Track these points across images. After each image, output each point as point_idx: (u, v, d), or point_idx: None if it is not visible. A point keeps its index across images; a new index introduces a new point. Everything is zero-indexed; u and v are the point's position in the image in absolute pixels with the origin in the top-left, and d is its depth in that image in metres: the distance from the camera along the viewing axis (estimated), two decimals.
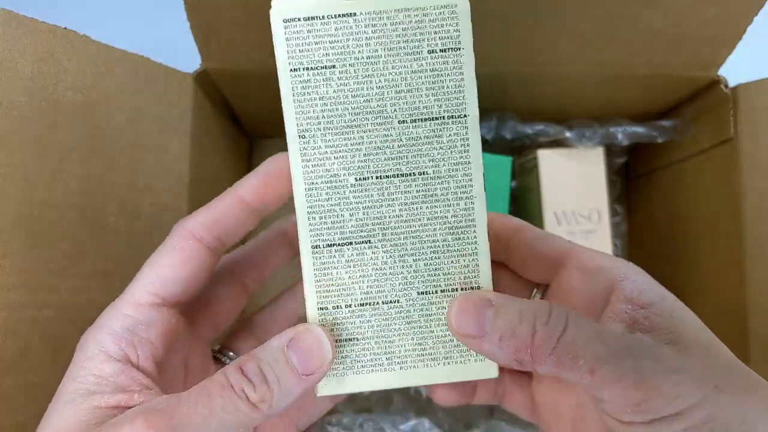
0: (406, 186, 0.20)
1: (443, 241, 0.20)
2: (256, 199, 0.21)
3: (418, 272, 0.20)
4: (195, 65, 0.34)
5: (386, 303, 0.20)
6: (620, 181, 0.47)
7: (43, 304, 0.26)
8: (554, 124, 0.40)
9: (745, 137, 0.34)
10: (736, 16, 0.31)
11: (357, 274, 0.20)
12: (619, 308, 0.19)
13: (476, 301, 0.19)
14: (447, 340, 0.21)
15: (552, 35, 0.32)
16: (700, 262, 0.39)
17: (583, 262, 0.21)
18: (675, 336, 0.18)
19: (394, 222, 0.20)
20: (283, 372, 0.18)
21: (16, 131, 0.25)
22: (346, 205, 0.20)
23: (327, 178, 0.20)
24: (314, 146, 0.20)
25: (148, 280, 0.20)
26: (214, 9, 0.30)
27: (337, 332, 0.20)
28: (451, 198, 0.20)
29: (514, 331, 0.18)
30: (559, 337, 0.18)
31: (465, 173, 0.20)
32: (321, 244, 0.20)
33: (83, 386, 0.18)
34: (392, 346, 0.21)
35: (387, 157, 0.20)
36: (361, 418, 0.38)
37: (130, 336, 0.19)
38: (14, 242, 0.24)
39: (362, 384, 0.21)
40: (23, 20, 0.25)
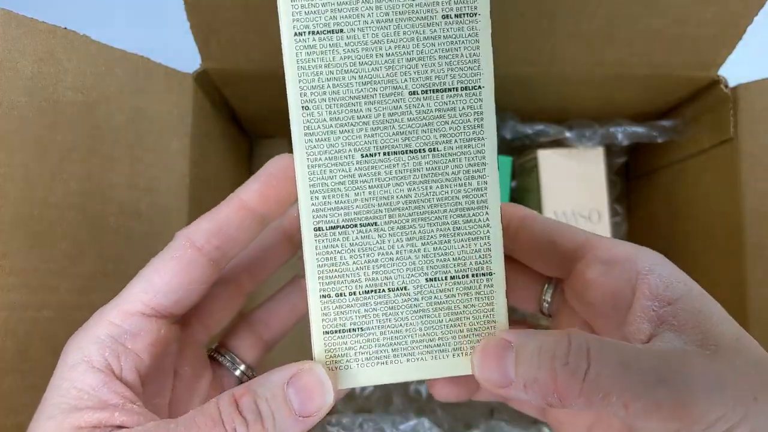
0: (416, 163, 0.19)
1: (453, 223, 0.19)
2: (259, 204, 0.20)
3: (427, 257, 0.19)
4: (195, 65, 0.34)
5: (393, 290, 0.19)
6: (620, 181, 0.47)
7: (43, 304, 0.26)
8: (554, 124, 0.40)
9: (745, 137, 0.34)
10: (736, 16, 0.31)
11: (362, 258, 0.19)
12: (645, 306, 0.18)
13: (495, 346, 0.18)
14: (456, 330, 0.20)
15: (552, 35, 0.32)
16: (700, 261, 0.39)
17: (603, 253, 0.20)
18: (704, 335, 0.17)
19: (402, 202, 0.19)
20: (280, 410, 0.17)
21: (16, 131, 0.25)
22: (352, 183, 0.19)
23: (331, 154, 0.19)
24: (318, 119, 0.19)
25: (139, 288, 0.19)
26: (214, 9, 0.30)
27: (340, 321, 0.19)
28: (463, 177, 0.19)
29: (536, 377, 0.17)
30: (584, 376, 0.16)
31: (478, 150, 0.19)
32: (324, 226, 0.19)
33: (64, 400, 0.18)
34: (398, 337, 0.19)
35: (396, 131, 0.19)
36: (361, 418, 0.38)
37: (115, 345, 0.19)
38: (14, 242, 0.24)
39: (367, 377, 0.20)
40: (23, 20, 0.25)
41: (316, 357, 0.19)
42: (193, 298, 0.20)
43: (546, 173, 0.40)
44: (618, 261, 0.20)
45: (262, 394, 0.17)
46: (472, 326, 0.20)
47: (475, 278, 0.19)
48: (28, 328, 0.25)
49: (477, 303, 0.19)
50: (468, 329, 0.20)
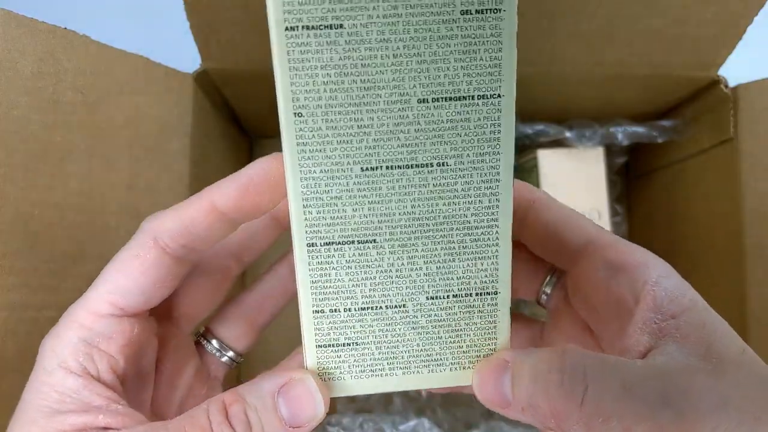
0: (422, 179, 0.17)
1: (460, 242, 0.18)
2: (232, 209, 0.18)
3: (429, 276, 0.18)
4: (195, 65, 0.33)
5: (390, 307, 0.18)
6: (620, 181, 0.47)
7: (43, 304, 0.26)
8: (554, 124, 0.40)
9: (746, 137, 0.34)
10: (736, 16, 0.31)
11: (359, 276, 0.18)
12: (647, 317, 0.17)
13: (494, 366, 0.18)
14: (455, 346, 0.19)
15: (552, 35, 0.32)
16: (700, 261, 0.39)
17: (611, 255, 0.19)
18: (707, 349, 0.17)
19: (405, 220, 0.17)
20: (270, 421, 0.17)
21: (16, 131, 0.25)
22: (350, 199, 0.17)
23: (328, 166, 0.17)
24: (313, 127, 0.16)
25: (106, 288, 0.18)
26: (214, 9, 0.30)
27: (334, 336, 0.18)
28: (473, 194, 0.17)
29: (534, 402, 0.16)
30: (582, 399, 0.16)
31: (492, 166, 0.17)
32: (318, 242, 0.17)
33: (46, 404, 0.17)
34: (395, 352, 0.19)
35: (401, 143, 0.17)
36: (361, 418, 0.38)
37: (87, 349, 0.18)
38: (14, 242, 0.24)
39: (361, 388, 0.19)
40: (23, 20, 0.25)
41: (309, 369, 0.19)
42: (162, 294, 0.19)
43: (546, 173, 0.40)
44: (626, 267, 0.19)
45: (252, 402, 0.17)
46: (473, 343, 0.19)
47: (479, 297, 0.18)
48: (28, 328, 0.25)
49: (479, 321, 0.19)
50: (468, 345, 0.19)
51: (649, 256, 0.19)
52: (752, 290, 0.33)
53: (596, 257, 0.19)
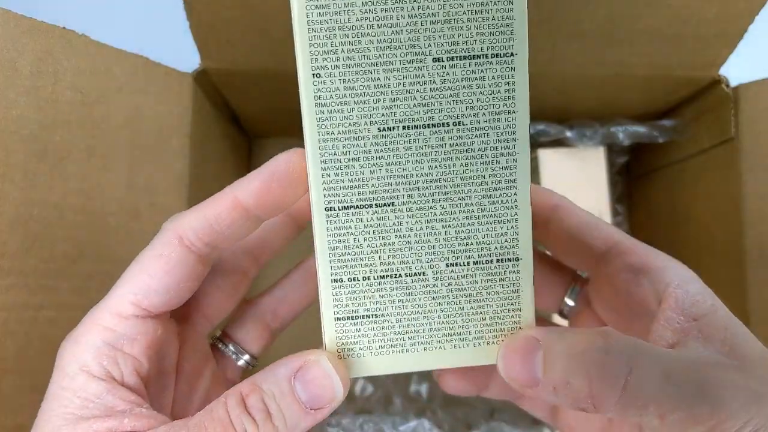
0: (438, 138, 0.17)
1: (478, 205, 0.17)
2: (256, 205, 0.18)
3: (448, 241, 0.18)
4: (195, 65, 0.33)
5: (410, 275, 0.18)
6: (621, 181, 0.47)
7: (43, 304, 0.26)
8: (555, 123, 0.40)
9: (746, 137, 0.33)
10: (737, 15, 0.30)
11: (377, 241, 0.18)
12: (670, 317, 0.18)
13: (522, 344, 0.17)
14: (478, 318, 0.18)
15: (552, 35, 0.32)
16: (701, 261, 0.38)
17: (633, 260, 0.19)
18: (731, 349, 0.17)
19: (422, 181, 0.17)
20: (289, 406, 0.17)
21: (15, 131, 0.25)
22: (367, 160, 0.17)
23: (345, 127, 0.17)
24: (331, 88, 0.17)
25: (130, 289, 0.18)
26: (214, 9, 0.29)
27: (353, 307, 0.18)
28: (491, 154, 0.17)
29: (568, 381, 0.16)
30: (624, 384, 0.15)
31: (508, 125, 0.17)
32: (336, 206, 0.17)
33: (69, 410, 0.17)
34: (416, 325, 0.18)
35: (417, 103, 0.17)
36: (362, 419, 0.38)
37: (112, 352, 0.18)
38: (13, 242, 0.24)
39: (381, 366, 0.18)
40: (22, 20, 0.25)
41: (327, 344, 0.18)
42: (185, 295, 0.19)
43: (547, 173, 0.40)
44: (648, 270, 0.19)
45: (269, 390, 0.17)
46: (495, 314, 0.18)
47: (500, 264, 0.18)
48: (27, 328, 0.25)
49: (501, 290, 0.18)
50: (491, 317, 0.18)
51: (671, 260, 0.19)
52: (753, 290, 0.33)
53: (619, 261, 0.19)
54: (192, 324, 0.22)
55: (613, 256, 0.20)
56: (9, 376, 0.24)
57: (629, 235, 0.20)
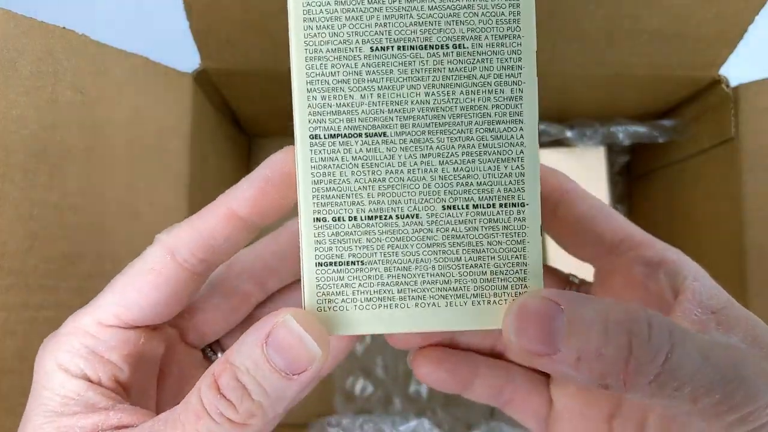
0: (436, 62, 0.16)
1: (480, 139, 0.16)
2: (251, 213, 0.17)
3: (446, 179, 0.16)
4: (194, 65, 0.33)
5: (402, 217, 0.16)
6: (622, 181, 0.47)
7: (42, 304, 0.26)
8: (555, 123, 0.40)
9: (746, 137, 0.33)
10: (737, 15, 0.30)
11: (366, 176, 0.16)
12: (687, 309, 0.17)
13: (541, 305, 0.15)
14: (478, 272, 0.16)
15: (552, 35, 0.32)
16: (701, 261, 0.38)
17: (649, 253, 0.19)
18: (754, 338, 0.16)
19: (418, 110, 0.16)
20: (267, 377, 0.15)
21: (15, 131, 0.25)
22: (357, 82, 0.16)
23: (335, 45, 0.16)
24: (320, 1, 0.15)
25: (114, 300, 0.18)
26: (214, 9, 0.29)
27: (337, 251, 0.16)
28: (494, 81, 0.16)
29: (601, 352, 0.14)
30: (665, 361, 0.14)
31: (513, 50, 0.16)
32: (322, 133, 0.16)
33: (49, 408, 0.17)
34: (406, 276, 0.16)
35: (414, 21, 0.16)
36: (361, 419, 0.38)
37: (90, 355, 0.17)
38: (13, 242, 0.24)
39: (366, 324, 0.16)
40: (22, 20, 0.25)
41: (306, 294, 0.16)
42: (173, 311, 0.19)
43: None
44: (664, 264, 0.18)
45: (242, 364, 0.15)
46: (498, 269, 0.16)
47: (503, 209, 0.16)
48: (27, 328, 0.25)
49: (504, 240, 0.16)
50: (492, 272, 0.16)
51: (684, 255, 0.19)
52: (753, 290, 0.33)
53: (633, 254, 0.19)
54: (183, 335, 0.21)
55: (627, 248, 0.19)
56: (9, 376, 0.24)
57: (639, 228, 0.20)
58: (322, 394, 0.41)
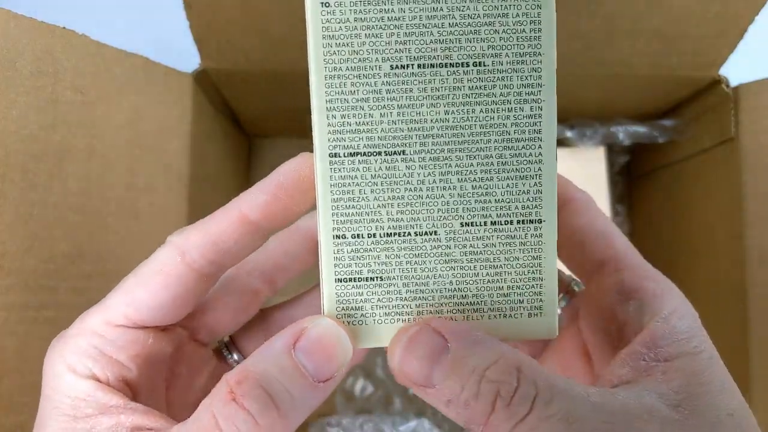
0: (456, 80, 0.16)
1: (499, 157, 0.16)
2: (263, 218, 0.17)
3: (464, 196, 0.16)
4: (194, 65, 0.33)
5: (420, 234, 0.16)
6: (622, 181, 0.47)
7: (42, 304, 0.26)
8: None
9: (747, 137, 0.33)
10: (737, 15, 0.30)
11: (385, 194, 0.16)
12: (637, 352, 0.16)
13: (429, 339, 0.15)
14: (495, 287, 0.16)
15: None
16: (701, 261, 0.38)
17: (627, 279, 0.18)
18: (685, 399, 0.15)
19: (438, 128, 0.16)
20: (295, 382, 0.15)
21: (15, 131, 0.25)
22: (377, 101, 0.16)
23: (354, 62, 0.16)
24: (341, 19, 0.15)
25: (122, 300, 0.18)
26: (214, 9, 0.30)
27: (356, 268, 0.16)
28: (513, 100, 0.16)
29: (469, 402, 0.14)
30: (519, 422, 0.14)
31: (534, 68, 0.16)
32: (341, 152, 0.16)
33: (61, 411, 0.17)
34: (424, 291, 0.16)
35: (434, 39, 0.16)
36: (361, 419, 0.38)
37: (98, 355, 0.17)
38: (13, 242, 0.24)
39: (385, 337, 0.16)
40: (22, 19, 0.25)
41: (326, 309, 0.17)
42: (183, 312, 0.19)
43: None
44: (638, 295, 0.17)
45: (266, 371, 0.15)
46: (514, 284, 0.16)
47: (521, 225, 0.16)
48: (27, 328, 0.25)
49: (521, 256, 0.16)
50: (508, 287, 0.16)
51: (668, 289, 0.17)
52: (753, 290, 0.33)
53: (612, 278, 0.18)
54: (194, 333, 0.21)
55: (608, 271, 0.18)
56: (9, 376, 0.24)
57: (635, 250, 0.19)
58: None
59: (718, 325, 0.36)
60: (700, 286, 0.38)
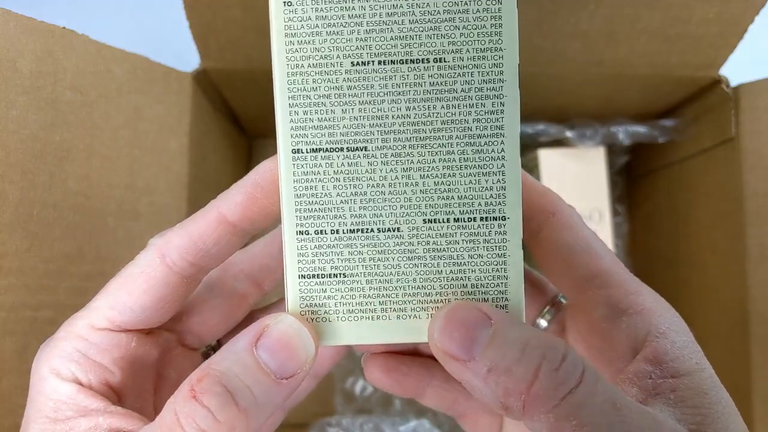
0: (417, 76, 0.16)
1: (460, 153, 0.16)
2: (241, 219, 0.17)
3: (426, 193, 0.16)
4: (195, 65, 0.33)
5: (383, 231, 0.16)
6: (622, 181, 0.47)
7: (42, 304, 0.25)
8: (555, 123, 0.40)
9: (747, 137, 0.33)
10: (737, 15, 0.30)
11: (348, 190, 0.16)
12: (643, 370, 0.16)
13: (471, 313, 0.15)
14: (459, 285, 0.16)
15: (552, 35, 0.32)
16: (701, 262, 0.38)
17: (615, 295, 0.17)
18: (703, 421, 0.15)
19: (399, 124, 0.16)
20: (257, 380, 0.15)
21: (15, 131, 0.25)
22: (339, 97, 0.16)
23: (316, 60, 0.16)
24: (302, 17, 0.16)
25: (106, 303, 0.18)
26: (214, 9, 0.29)
27: (319, 264, 0.16)
28: (475, 96, 0.16)
29: (511, 368, 0.14)
30: (567, 394, 0.14)
31: (494, 63, 0.16)
32: (304, 148, 0.16)
33: (43, 413, 0.17)
34: (388, 288, 0.16)
35: (394, 35, 0.16)
36: (361, 419, 0.38)
37: (81, 359, 0.17)
38: (13, 243, 0.24)
39: (349, 335, 0.16)
40: (22, 20, 0.25)
41: (290, 305, 0.17)
42: (166, 315, 0.19)
43: (547, 173, 0.40)
44: (630, 311, 0.17)
45: (228, 369, 0.15)
46: (479, 282, 0.16)
47: (484, 223, 0.16)
48: (26, 328, 0.25)
49: (485, 253, 0.16)
50: (473, 285, 0.16)
51: (660, 304, 0.17)
52: (753, 290, 0.33)
53: (600, 294, 0.18)
54: (181, 338, 0.21)
55: (596, 286, 0.18)
56: (9, 376, 0.24)
57: (624, 266, 0.18)
58: (322, 394, 0.41)
59: (718, 325, 0.36)
60: (700, 286, 0.38)
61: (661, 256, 0.43)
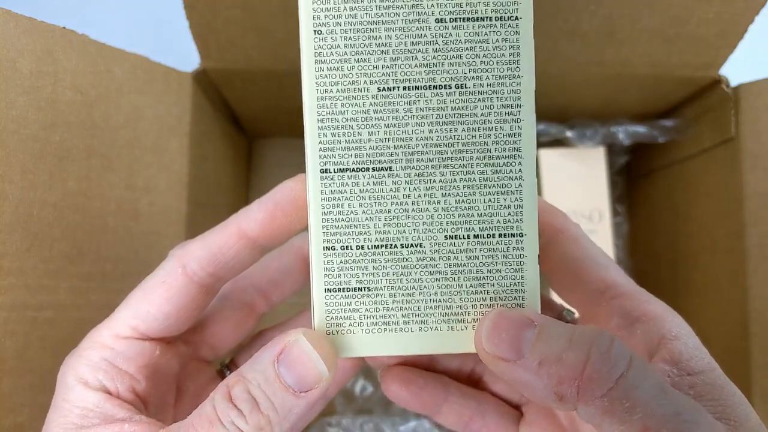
0: (440, 101, 0.17)
1: (480, 173, 0.17)
2: (260, 235, 0.19)
3: (448, 211, 0.17)
4: (194, 65, 0.33)
5: (406, 246, 0.17)
6: (622, 181, 0.47)
7: (42, 304, 0.25)
8: (555, 123, 0.40)
9: (747, 137, 0.33)
10: (737, 15, 0.30)
11: (373, 208, 0.17)
12: (662, 370, 0.16)
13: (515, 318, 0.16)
14: (478, 298, 0.17)
15: (552, 35, 0.32)
16: (702, 262, 0.38)
17: (627, 305, 0.18)
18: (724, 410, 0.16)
19: (422, 146, 0.17)
20: (276, 392, 0.16)
21: (15, 131, 0.25)
22: (365, 120, 0.17)
23: (344, 85, 0.17)
24: (332, 45, 0.17)
25: (129, 312, 0.19)
26: (214, 9, 0.29)
27: (345, 278, 0.17)
28: (494, 120, 0.17)
29: (561, 356, 0.15)
30: (619, 377, 0.14)
31: (512, 89, 0.17)
32: (332, 168, 0.17)
33: (68, 420, 0.17)
34: (410, 301, 0.17)
35: (419, 63, 0.17)
36: (361, 419, 0.38)
37: (109, 368, 0.18)
38: (13, 243, 0.24)
39: (372, 346, 0.17)
40: (22, 19, 0.25)
41: (316, 318, 0.17)
42: (186, 323, 0.20)
43: (547, 173, 0.40)
44: (643, 319, 0.18)
45: (253, 378, 0.16)
46: (497, 295, 0.17)
47: (503, 239, 0.17)
48: (27, 328, 0.25)
49: (503, 268, 0.17)
50: (491, 298, 0.17)
51: (668, 310, 0.18)
52: (753, 290, 0.33)
53: (614, 305, 0.18)
54: (197, 350, 0.22)
55: (609, 298, 0.19)
56: (9, 376, 0.24)
57: (630, 278, 0.19)
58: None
59: (718, 325, 0.36)
60: (700, 286, 0.38)
61: (661, 256, 0.43)
